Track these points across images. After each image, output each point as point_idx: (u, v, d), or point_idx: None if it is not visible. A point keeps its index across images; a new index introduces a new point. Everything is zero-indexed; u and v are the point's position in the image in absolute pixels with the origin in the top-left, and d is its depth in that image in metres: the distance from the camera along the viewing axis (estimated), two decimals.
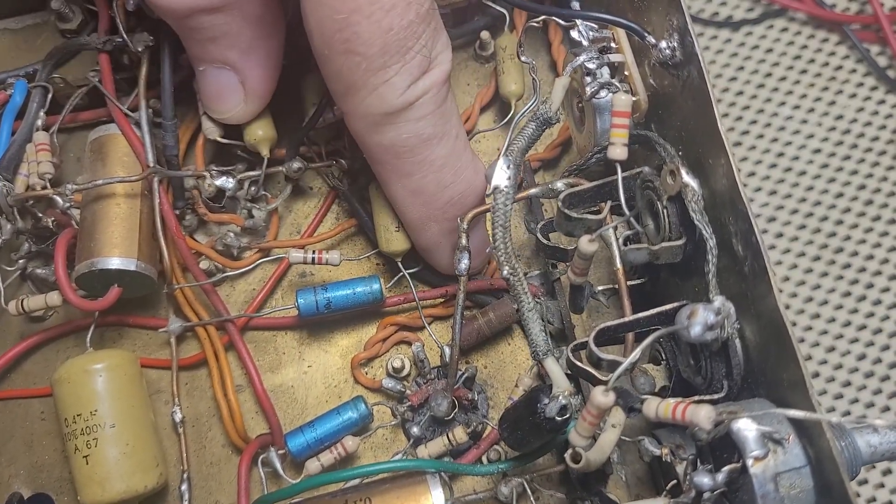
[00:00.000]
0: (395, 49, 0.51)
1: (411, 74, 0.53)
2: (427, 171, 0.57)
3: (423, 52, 0.52)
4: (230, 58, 0.58)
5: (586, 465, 0.48)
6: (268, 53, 0.59)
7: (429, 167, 0.56)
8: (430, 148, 0.56)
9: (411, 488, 0.56)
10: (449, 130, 0.56)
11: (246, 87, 0.60)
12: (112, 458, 0.57)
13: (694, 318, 0.44)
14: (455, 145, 0.57)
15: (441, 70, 0.54)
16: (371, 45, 0.51)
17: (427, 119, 0.55)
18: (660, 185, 0.52)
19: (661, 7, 0.53)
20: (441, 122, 0.55)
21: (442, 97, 0.55)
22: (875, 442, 0.48)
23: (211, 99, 0.61)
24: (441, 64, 0.54)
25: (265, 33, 0.58)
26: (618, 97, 0.52)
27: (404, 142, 0.55)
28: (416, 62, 0.52)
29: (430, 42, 0.52)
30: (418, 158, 0.56)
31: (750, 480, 0.45)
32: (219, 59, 0.58)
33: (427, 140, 0.55)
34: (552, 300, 0.63)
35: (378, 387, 0.63)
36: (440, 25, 0.54)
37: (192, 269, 0.63)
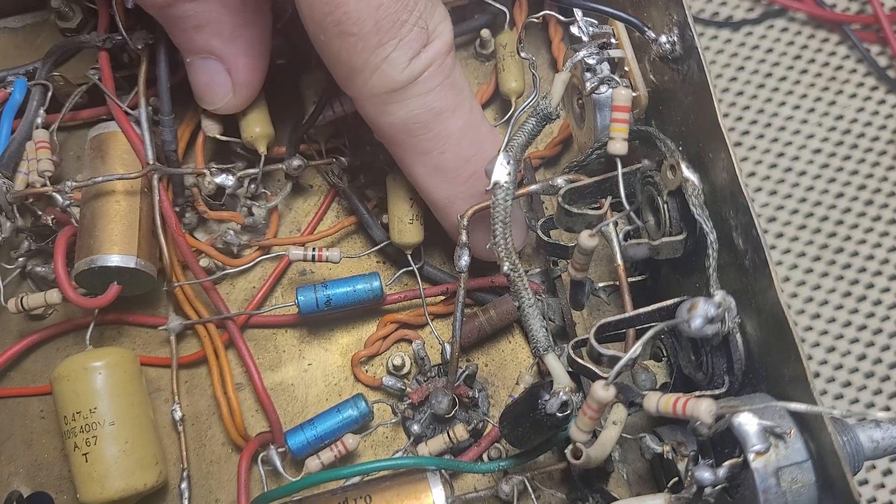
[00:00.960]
0: (389, 24, 0.51)
1: (411, 48, 0.52)
2: (445, 146, 0.56)
3: (419, 24, 0.52)
4: (214, 46, 0.58)
5: (587, 461, 0.48)
6: (252, 41, 0.59)
7: (445, 141, 0.56)
8: (445, 121, 0.55)
9: (412, 486, 0.56)
10: (462, 102, 0.56)
11: (233, 77, 0.60)
12: (111, 456, 0.57)
13: (694, 311, 0.44)
14: (471, 117, 0.56)
15: (442, 41, 0.53)
16: (363, 23, 0.51)
17: (436, 91, 0.54)
18: (660, 180, 0.52)
19: (660, 2, 0.53)
20: (452, 94, 0.55)
21: (448, 68, 0.54)
22: (877, 437, 0.48)
23: (200, 90, 0.61)
24: (441, 35, 0.53)
25: (247, 21, 0.58)
26: (618, 92, 0.52)
27: (416, 118, 0.55)
28: (414, 35, 0.52)
29: (425, 13, 0.52)
30: (433, 133, 0.56)
31: (751, 475, 0.44)
32: (203, 48, 0.58)
33: (439, 113, 0.55)
34: (553, 297, 0.63)
35: (378, 385, 0.63)
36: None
37: (192, 266, 0.63)
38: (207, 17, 0.56)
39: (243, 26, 0.58)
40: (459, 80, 0.56)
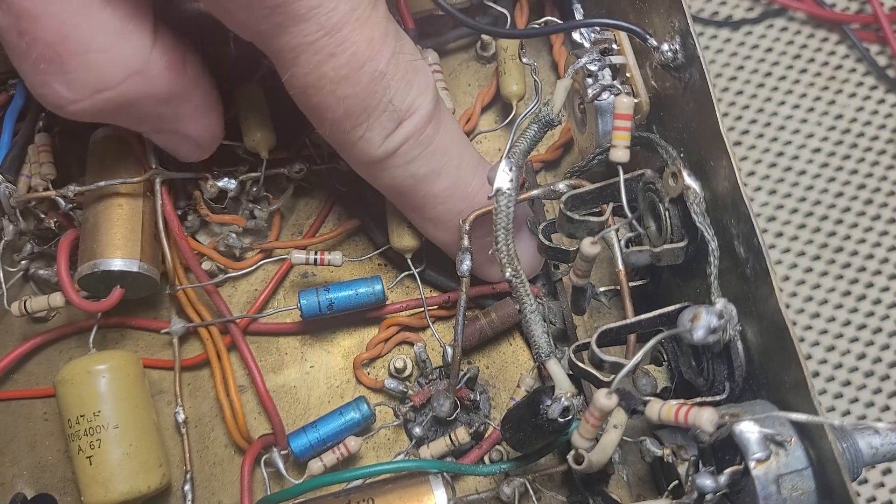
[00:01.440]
0: (358, 111, 0.52)
1: (384, 128, 0.53)
2: (435, 204, 0.57)
3: (389, 108, 0.53)
4: (164, 128, 0.58)
5: (589, 466, 0.48)
6: (198, 108, 0.58)
7: (434, 200, 0.57)
8: (430, 184, 0.56)
9: (414, 488, 0.56)
10: (447, 164, 0.56)
11: (193, 140, 0.60)
12: (115, 459, 0.57)
13: (697, 322, 0.45)
14: (458, 175, 0.57)
15: (419, 115, 0.54)
16: (334, 111, 0.52)
17: (416, 161, 0.55)
18: (662, 187, 0.52)
19: (662, 9, 0.53)
20: (435, 160, 0.56)
21: (427, 139, 0.55)
22: (876, 443, 0.48)
23: (173, 155, 0.62)
24: (418, 110, 0.54)
25: (185, 99, 0.57)
26: (619, 100, 0.52)
27: (401, 183, 0.56)
28: (386, 117, 0.53)
29: (397, 94, 0.52)
30: (421, 195, 0.57)
31: (752, 482, 0.45)
32: (154, 131, 0.59)
33: (424, 178, 0.56)
34: (554, 301, 0.64)
35: (380, 387, 0.63)
36: (411, 71, 0.53)
37: (195, 269, 0.63)
38: (140, 116, 0.56)
39: (182, 105, 0.57)
40: (443, 142, 0.56)
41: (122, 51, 0.51)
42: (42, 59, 0.49)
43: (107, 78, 0.51)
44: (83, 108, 0.51)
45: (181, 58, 0.55)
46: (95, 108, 0.52)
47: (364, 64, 0.51)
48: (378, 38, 0.51)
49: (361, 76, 0.51)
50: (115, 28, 0.50)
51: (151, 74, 0.52)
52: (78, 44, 0.49)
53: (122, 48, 0.51)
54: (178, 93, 0.55)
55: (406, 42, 0.53)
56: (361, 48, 0.50)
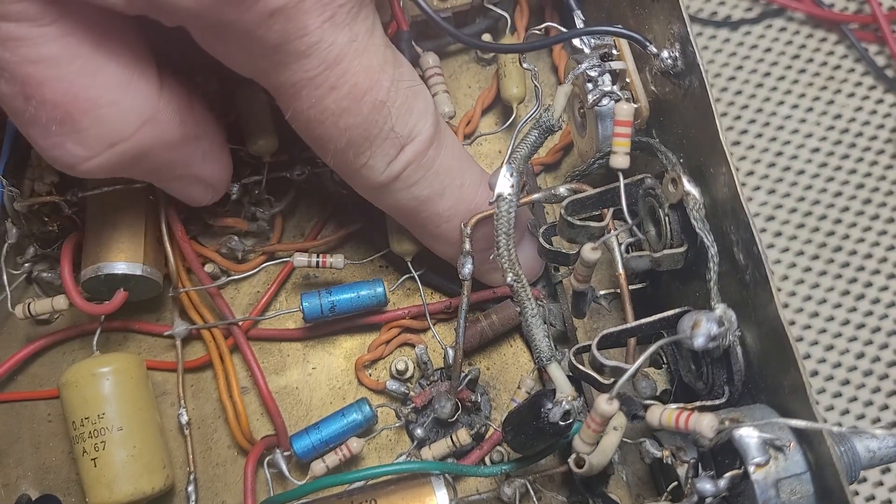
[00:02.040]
0: (361, 140, 0.53)
1: (386, 155, 0.54)
2: (439, 222, 0.58)
3: (391, 135, 0.53)
4: (177, 175, 0.58)
5: (589, 469, 0.49)
6: (209, 149, 0.59)
7: (438, 219, 0.58)
8: (434, 205, 0.57)
9: (416, 489, 0.57)
10: (449, 184, 0.57)
11: (206, 182, 0.60)
12: (120, 461, 0.58)
13: (697, 330, 0.45)
14: (462, 193, 0.57)
15: (420, 140, 0.54)
16: (337, 141, 0.53)
17: (419, 184, 0.56)
18: (661, 192, 0.53)
19: (662, 15, 0.53)
20: (438, 181, 0.56)
21: (430, 161, 0.55)
22: (874, 447, 0.49)
23: (185, 201, 0.62)
24: (419, 134, 0.54)
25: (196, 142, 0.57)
26: (619, 106, 0.53)
27: (405, 205, 0.57)
28: (388, 144, 0.53)
29: (398, 121, 0.53)
30: (425, 214, 0.58)
31: (752, 486, 0.45)
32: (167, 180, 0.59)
33: (427, 199, 0.57)
34: (554, 303, 0.64)
35: (382, 389, 0.64)
36: (411, 97, 0.53)
37: (198, 272, 0.64)
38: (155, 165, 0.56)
39: (194, 149, 0.57)
40: (446, 163, 0.56)
41: (132, 101, 0.50)
42: (53, 122, 0.48)
43: (120, 130, 0.50)
44: (98, 163, 0.51)
45: (187, 100, 0.55)
46: (111, 162, 0.51)
47: (364, 94, 0.51)
48: (377, 67, 0.51)
49: (362, 107, 0.51)
50: (122, 80, 0.50)
51: (162, 120, 0.52)
52: (87, 101, 0.49)
53: (131, 99, 0.50)
54: (189, 135, 0.55)
55: (405, 67, 0.54)
56: (361, 79, 0.51)
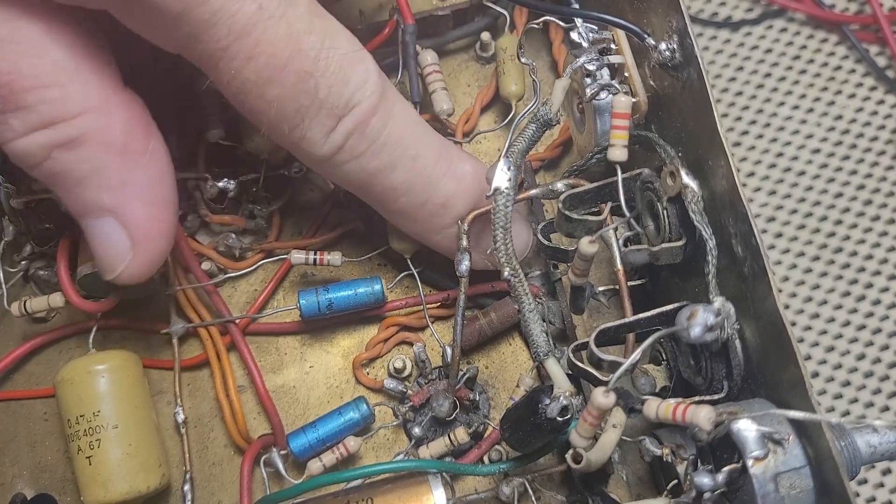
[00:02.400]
0: (292, 112, 0.51)
1: (323, 126, 0.52)
2: (396, 196, 0.56)
3: (325, 105, 0.51)
4: (104, 201, 0.52)
5: (587, 465, 0.48)
6: (149, 186, 0.53)
7: (394, 193, 0.56)
8: (386, 178, 0.55)
9: (413, 488, 0.56)
10: (400, 155, 0.55)
11: (130, 232, 0.53)
12: (115, 459, 0.57)
13: (694, 320, 0.45)
14: (416, 166, 0.56)
15: (360, 109, 0.52)
16: (267, 114, 0.52)
17: (365, 156, 0.54)
18: (660, 186, 0.53)
19: (660, 8, 0.53)
20: (386, 152, 0.54)
21: (374, 132, 0.54)
22: (875, 442, 0.49)
23: (97, 256, 0.54)
24: (358, 104, 0.52)
25: (138, 162, 0.52)
26: (618, 99, 0.52)
27: (354, 178, 0.56)
28: (323, 115, 0.52)
29: (332, 91, 0.51)
30: (378, 189, 0.56)
31: (750, 481, 0.45)
32: (92, 205, 0.52)
33: (377, 172, 0.55)
34: (553, 300, 0.64)
35: (380, 387, 0.63)
36: (347, 66, 0.52)
37: (195, 270, 0.63)
38: (88, 166, 0.51)
39: (135, 168, 0.52)
40: (396, 132, 0.54)
41: (79, 87, 0.50)
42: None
43: (61, 110, 0.49)
44: (35, 140, 0.49)
45: (146, 126, 0.53)
46: (47, 141, 0.49)
47: (286, 64, 0.50)
48: (298, 36, 0.50)
49: (286, 77, 0.50)
50: (69, 66, 0.49)
51: (109, 115, 0.50)
52: (31, 78, 0.48)
53: (78, 85, 0.50)
54: (133, 148, 0.52)
55: (338, 36, 0.52)
56: (280, 48, 0.49)
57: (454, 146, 0.59)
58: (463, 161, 0.58)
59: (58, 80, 0.49)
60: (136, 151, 0.52)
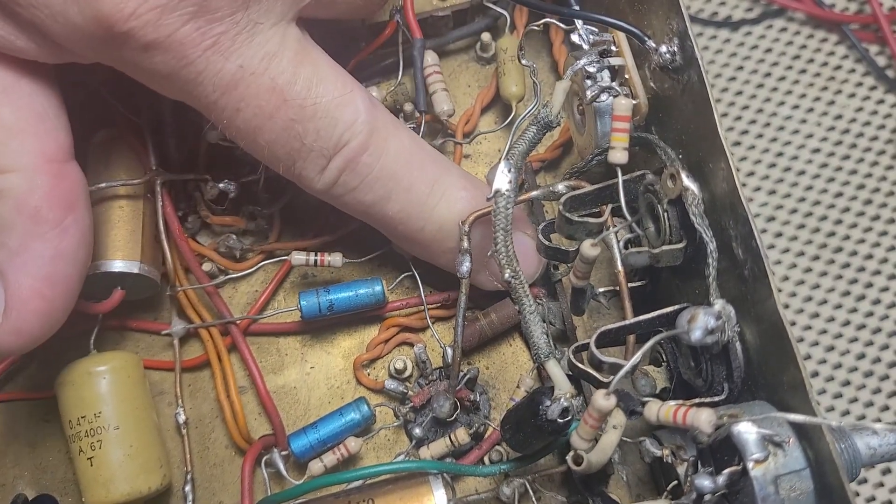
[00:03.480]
0: (284, 155, 0.55)
1: (316, 164, 0.55)
2: (394, 224, 0.59)
3: (314, 147, 0.54)
4: None
5: (588, 466, 0.48)
6: (47, 260, 0.51)
7: (392, 221, 0.58)
8: (381, 208, 0.58)
9: (414, 489, 0.56)
10: (394, 188, 0.57)
11: (7, 297, 0.50)
12: (116, 460, 0.58)
13: (694, 323, 0.45)
14: (409, 197, 0.57)
15: (350, 148, 0.55)
16: (263, 156, 0.55)
17: (360, 190, 0.57)
18: (660, 188, 0.53)
19: (661, 11, 0.53)
20: (379, 186, 0.57)
21: (366, 168, 0.56)
22: (874, 444, 0.49)
23: None
24: (347, 143, 0.55)
25: (44, 234, 0.51)
26: (618, 101, 0.52)
27: (354, 208, 0.58)
28: (314, 156, 0.55)
29: (320, 135, 0.54)
30: (376, 218, 0.59)
31: (750, 483, 0.45)
32: None
33: (373, 204, 0.57)
34: (553, 301, 0.64)
35: (380, 388, 0.63)
36: (335, 109, 0.54)
37: (195, 271, 0.64)
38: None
39: (37, 238, 0.51)
40: (388, 165, 0.57)
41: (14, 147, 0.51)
42: None
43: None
44: None
45: (70, 202, 0.52)
46: None
47: (272, 115, 0.53)
48: (282, 88, 0.52)
49: (274, 125, 0.53)
50: (12, 126, 0.51)
51: (32, 180, 0.50)
52: None
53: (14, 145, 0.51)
54: (44, 219, 0.51)
55: (325, 81, 0.54)
56: (264, 100, 0.52)
57: (452, 170, 0.60)
58: (458, 187, 0.59)
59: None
60: (46, 222, 0.51)
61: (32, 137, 0.51)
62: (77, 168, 0.54)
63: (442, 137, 0.68)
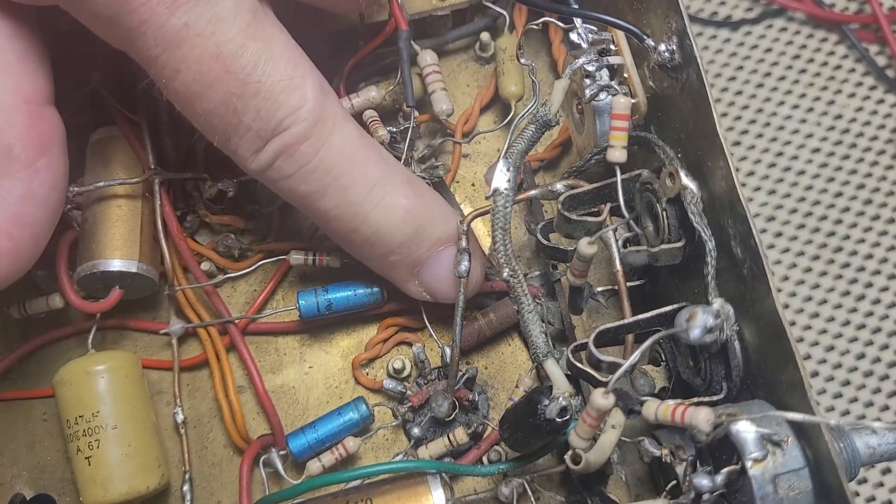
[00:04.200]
0: (220, 128, 0.52)
1: (251, 144, 0.53)
2: (327, 220, 0.57)
3: (251, 126, 0.52)
4: None
5: (586, 466, 0.48)
6: (16, 199, 0.51)
7: (325, 216, 0.56)
8: (315, 201, 0.55)
9: (412, 489, 0.56)
10: (331, 184, 0.55)
11: None
12: (114, 460, 0.57)
13: (693, 322, 0.45)
14: (345, 196, 0.55)
15: (290, 134, 0.52)
16: (198, 124, 0.53)
17: (294, 178, 0.54)
18: (659, 187, 0.53)
19: (659, 10, 0.53)
20: (316, 179, 0.54)
21: (304, 157, 0.53)
22: (874, 443, 0.49)
23: None
24: (288, 129, 0.52)
25: (14, 172, 0.51)
26: (617, 100, 0.52)
27: (287, 196, 0.56)
28: (251, 135, 0.52)
29: (261, 115, 0.52)
30: (310, 210, 0.56)
31: (749, 482, 0.45)
32: None
33: (307, 195, 0.55)
34: (552, 301, 0.64)
35: (379, 388, 0.63)
36: (282, 91, 0.52)
37: (194, 270, 0.64)
38: None
39: (5, 176, 0.51)
40: (329, 159, 0.54)
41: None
42: None
43: None
44: None
45: (44, 145, 0.52)
46: None
47: (213, 84, 0.50)
48: (227, 58, 0.50)
49: (213, 95, 0.51)
50: None
51: (8, 117, 0.50)
52: None
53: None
54: (16, 157, 0.50)
55: (277, 60, 0.52)
56: (206, 67, 0.50)
57: (397, 175, 0.57)
58: (399, 194, 0.56)
59: None
60: (18, 160, 0.51)
61: (10, 77, 0.51)
62: (55, 114, 0.53)
63: (441, 137, 0.68)
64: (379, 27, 0.66)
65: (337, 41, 0.68)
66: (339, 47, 0.68)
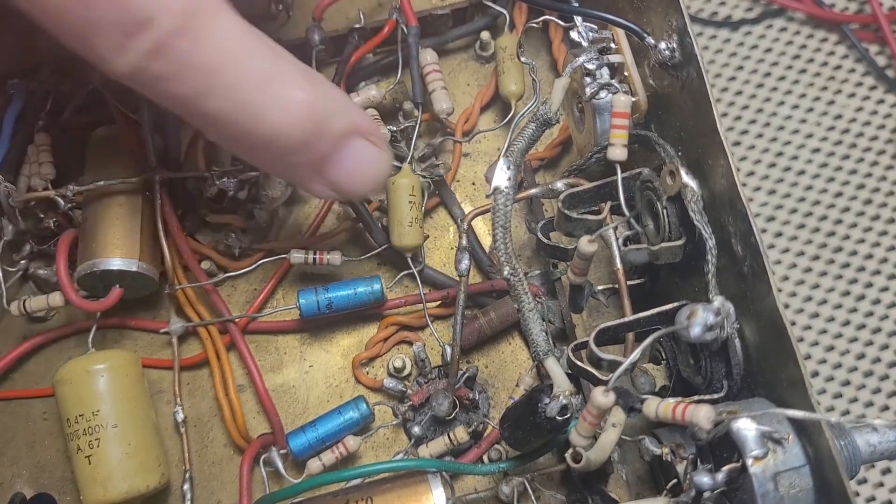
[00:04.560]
0: (73, 24, 0.45)
1: (110, 41, 0.45)
2: (215, 124, 0.50)
3: (106, 17, 0.44)
4: None
5: (587, 464, 0.48)
6: None
7: (212, 120, 0.49)
8: (199, 104, 0.48)
9: (413, 487, 0.56)
10: (216, 83, 0.47)
11: None
12: (114, 459, 0.57)
13: (693, 319, 0.45)
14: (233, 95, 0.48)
15: (159, 28, 0.45)
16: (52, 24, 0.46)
17: (171, 80, 0.47)
18: (659, 185, 0.53)
19: (660, 8, 0.53)
20: (197, 79, 0.47)
21: (182, 55, 0.46)
22: (874, 441, 0.49)
23: None
24: (157, 18, 0.45)
25: None
26: (617, 98, 0.52)
27: (167, 99, 0.49)
28: (107, 29, 0.44)
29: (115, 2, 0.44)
30: (194, 116, 0.50)
31: (750, 480, 0.45)
32: None
33: (189, 98, 0.48)
34: (553, 300, 0.64)
35: (379, 386, 0.63)
36: None
37: (194, 269, 0.64)
38: None
39: None
40: (210, 57, 0.47)
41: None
42: None
43: None
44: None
45: None
46: None
47: None
48: None
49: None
50: None
51: None
52: None
53: None
54: None
55: None
56: None
57: (293, 66, 0.51)
58: (295, 86, 0.50)
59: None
60: None
61: None
62: None
63: (441, 136, 0.68)
64: (379, 27, 0.67)
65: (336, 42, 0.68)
66: (338, 47, 0.68)
